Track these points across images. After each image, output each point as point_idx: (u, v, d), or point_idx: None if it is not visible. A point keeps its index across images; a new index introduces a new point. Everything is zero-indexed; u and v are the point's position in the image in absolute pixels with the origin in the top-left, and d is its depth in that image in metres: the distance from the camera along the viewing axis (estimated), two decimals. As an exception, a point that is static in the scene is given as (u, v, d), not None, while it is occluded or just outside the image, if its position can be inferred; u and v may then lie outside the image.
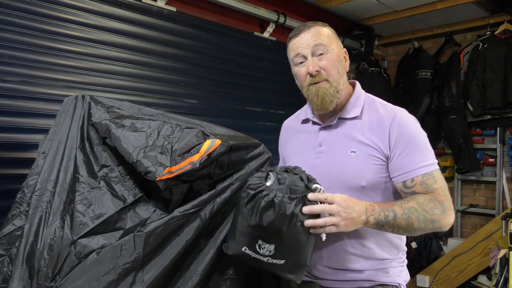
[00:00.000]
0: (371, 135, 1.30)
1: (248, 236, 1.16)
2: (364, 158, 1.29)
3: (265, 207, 1.12)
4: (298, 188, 1.15)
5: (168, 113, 1.45)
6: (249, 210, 1.14)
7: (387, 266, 1.33)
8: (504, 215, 3.27)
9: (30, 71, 2.04)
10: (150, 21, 2.57)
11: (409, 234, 1.28)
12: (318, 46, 1.31)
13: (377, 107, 1.36)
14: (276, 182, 1.15)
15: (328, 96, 1.31)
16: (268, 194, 1.12)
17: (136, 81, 2.47)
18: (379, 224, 1.20)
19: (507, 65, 3.59)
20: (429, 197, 1.24)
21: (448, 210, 1.24)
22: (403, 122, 1.30)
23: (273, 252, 1.15)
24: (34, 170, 1.33)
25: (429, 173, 1.26)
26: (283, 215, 1.10)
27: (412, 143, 1.28)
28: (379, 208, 1.20)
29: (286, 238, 1.13)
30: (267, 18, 3.20)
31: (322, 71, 1.31)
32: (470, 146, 3.85)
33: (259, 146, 1.43)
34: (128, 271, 1.19)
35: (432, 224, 1.22)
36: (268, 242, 1.14)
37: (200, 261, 1.29)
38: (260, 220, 1.12)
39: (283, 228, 1.11)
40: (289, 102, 3.33)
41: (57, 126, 1.39)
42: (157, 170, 1.22)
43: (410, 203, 1.22)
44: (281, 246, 1.15)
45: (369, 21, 3.96)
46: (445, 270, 3.67)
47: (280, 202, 1.11)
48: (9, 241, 1.26)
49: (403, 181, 1.27)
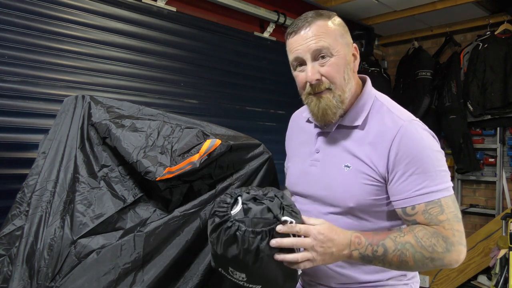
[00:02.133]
0: (370, 151, 1.13)
1: (219, 261, 1.07)
2: (356, 176, 1.13)
3: (227, 240, 1.01)
4: (265, 220, 1.01)
5: (168, 113, 1.45)
6: (214, 239, 1.04)
7: (382, 285, 1.19)
8: (504, 215, 3.27)
9: (30, 71, 2.04)
10: (150, 21, 2.57)
11: (404, 270, 1.13)
12: (320, 49, 1.12)
13: (383, 115, 1.16)
14: (241, 211, 1.02)
15: (331, 109, 1.14)
16: (230, 226, 1.00)
17: (136, 81, 2.47)
18: (365, 259, 1.05)
19: (507, 65, 3.59)
20: (431, 231, 1.06)
21: (454, 247, 1.05)
22: (408, 138, 1.09)
23: (246, 279, 1.05)
24: (34, 170, 1.33)
25: (434, 201, 1.06)
26: (247, 250, 0.99)
27: (416, 164, 1.07)
28: (366, 241, 1.05)
29: (255, 271, 1.02)
30: (267, 18, 3.20)
31: (323, 79, 1.13)
32: (470, 146, 3.84)
33: (259, 146, 1.43)
34: (128, 271, 1.19)
35: (432, 262, 1.05)
36: (238, 271, 1.04)
37: (200, 261, 1.29)
38: (224, 251, 1.02)
39: (249, 262, 1.00)
40: (289, 102, 3.32)
41: (57, 126, 1.39)
42: (157, 170, 1.22)
43: (406, 237, 1.05)
44: (253, 276, 1.04)
45: (369, 21, 3.96)
46: (445, 270, 3.67)
47: (243, 236, 0.99)
48: (9, 241, 1.26)
49: (403, 207, 1.10)
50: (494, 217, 3.72)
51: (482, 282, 3.55)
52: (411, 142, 1.09)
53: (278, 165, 1.54)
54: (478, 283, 3.57)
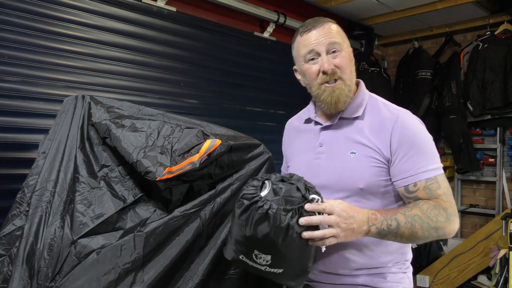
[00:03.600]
0: (372, 137, 1.25)
1: (244, 246, 1.12)
2: (363, 160, 1.24)
3: (259, 219, 1.06)
4: (294, 199, 1.09)
5: (168, 113, 1.45)
6: (244, 221, 1.09)
7: (385, 271, 1.29)
8: (504, 215, 3.27)
9: (30, 71, 2.04)
10: (150, 21, 2.57)
11: (412, 242, 1.23)
12: (333, 43, 1.26)
13: (380, 108, 1.31)
14: (271, 192, 1.10)
15: (343, 97, 1.27)
16: (262, 205, 1.07)
17: (136, 81, 2.47)
18: (381, 234, 1.15)
19: (507, 65, 3.59)
20: (432, 203, 1.19)
21: (452, 217, 1.19)
22: (406, 124, 1.24)
23: (270, 262, 1.10)
24: (34, 170, 1.33)
25: (432, 178, 1.21)
26: (278, 227, 1.05)
27: (415, 147, 1.22)
28: (381, 217, 1.15)
29: (282, 250, 1.08)
30: (267, 18, 3.20)
31: (337, 69, 1.26)
32: (470, 146, 3.85)
33: (259, 146, 1.43)
34: (128, 271, 1.19)
35: (436, 232, 1.17)
36: (264, 253, 1.10)
37: (201, 261, 1.29)
38: (254, 231, 1.07)
39: (278, 240, 1.06)
40: (289, 102, 3.33)
41: (57, 126, 1.39)
42: (157, 170, 1.22)
43: (413, 211, 1.17)
44: (278, 257, 1.10)
45: (369, 21, 3.96)
46: (445, 270, 3.67)
47: (275, 214, 1.06)
48: (9, 241, 1.26)
49: (406, 185, 1.22)
50: (494, 217, 3.72)
51: (482, 282, 3.55)
52: (409, 127, 1.24)
53: (278, 165, 1.54)
54: (478, 283, 3.57)
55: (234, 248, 1.16)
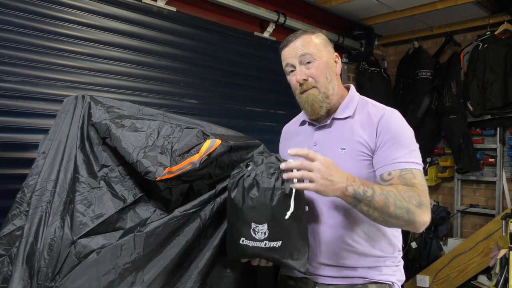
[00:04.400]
0: (361, 131, 1.35)
1: (242, 224, 1.21)
2: (352, 155, 1.33)
3: (249, 187, 1.20)
4: (275, 164, 1.24)
5: (168, 113, 1.45)
6: (236, 195, 1.22)
7: (380, 264, 1.36)
8: (504, 215, 3.26)
9: (30, 71, 2.04)
10: (150, 21, 2.57)
11: (383, 220, 1.21)
12: (305, 55, 1.36)
13: (368, 108, 1.41)
14: (254, 165, 1.25)
15: (317, 102, 1.37)
16: (249, 175, 1.22)
17: (136, 81, 2.47)
18: (356, 198, 1.18)
19: (507, 65, 3.59)
20: (408, 187, 1.23)
21: (424, 206, 1.22)
22: (391, 119, 1.34)
23: (268, 233, 1.19)
24: (34, 170, 1.33)
25: (408, 169, 1.26)
26: (266, 189, 1.19)
27: (395, 139, 1.30)
28: (359, 182, 1.19)
29: (275, 213, 1.18)
30: (267, 18, 3.20)
31: (309, 79, 1.37)
32: (470, 146, 3.84)
33: (259, 146, 1.43)
34: (128, 271, 1.20)
35: (408, 214, 1.19)
36: (260, 223, 1.19)
37: (200, 261, 1.29)
38: (248, 200, 1.20)
39: (269, 201, 1.18)
40: (289, 102, 3.30)
41: (57, 126, 1.39)
42: (157, 170, 1.23)
43: (389, 187, 1.22)
44: (273, 224, 1.19)
45: (369, 21, 3.96)
46: (445, 270, 3.67)
47: (261, 179, 1.20)
48: (9, 241, 1.26)
49: (381, 174, 1.29)
50: (494, 217, 3.72)
51: (482, 282, 3.54)
52: (392, 122, 1.34)
53: (278, 165, 1.54)
54: (478, 283, 3.57)
55: (234, 237, 1.22)
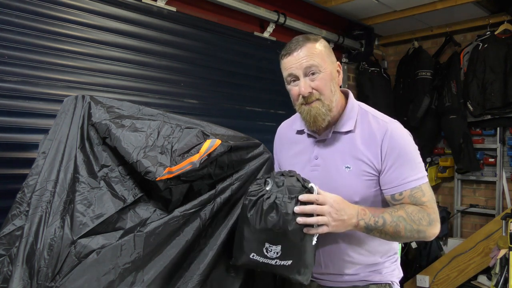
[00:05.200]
0: (365, 149, 1.33)
1: (255, 242, 1.21)
2: (357, 174, 1.33)
3: (268, 209, 1.17)
4: (295, 188, 1.20)
5: (168, 113, 1.45)
6: (253, 215, 1.19)
7: (380, 267, 1.41)
8: (504, 215, 3.27)
9: (30, 71, 2.04)
10: (150, 21, 2.57)
11: (394, 240, 1.33)
12: (311, 67, 1.31)
13: (369, 120, 1.37)
14: (275, 185, 1.20)
15: (321, 115, 1.34)
16: (269, 197, 1.18)
17: (136, 81, 2.47)
18: (368, 229, 1.25)
19: (507, 65, 3.59)
20: (417, 208, 1.29)
21: (434, 222, 1.30)
22: (394, 136, 1.32)
23: (280, 253, 1.19)
24: (34, 170, 1.33)
25: (417, 187, 1.31)
26: (285, 214, 1.16)
27: (402, 157, 1.31)
28: (370, 213, 1.25)
29: (291, 237, 1.17)
30: (267, 18, 3.19)
31: (314, 92, 1.32)
32: (470, 146, 3.84)
33: (259, 146, 1.43)
34: (128, 271, 1.20)
35: (418, 234, 1.28)
36: (274, 244, 1.19)
37: (200, 261, 1.29)
38: (265, 222, 1.17)
39: (287, 227, 1.16)
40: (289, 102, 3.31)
41: (57, 126, 1.38)
42: (157, 170, 1.22)
43: (399, 212, 1.27)
44: (287, 246, 1.19)
45: (369, 21, 3.95)
46: (445, 270, 3.67)
47: (282, 203, 1.17)
48: (9, 241, 1.26)
49: (392, 194, 1.32)
50: (494, 217, 3.72)
51: (482, 282, 3.54)
52: (397, 139, 1.32)
53: (278, 165, 1.54)
54: (478, 283, 3.57)
55: (244, 249, 1.22)
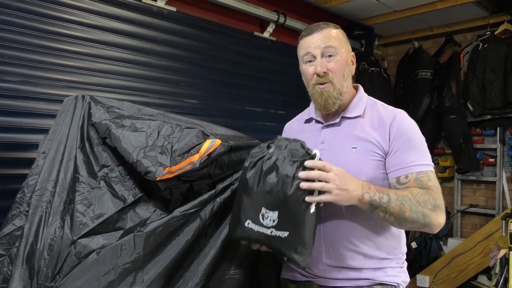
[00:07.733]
0: (372, 131, 1.34)
1: (252, 206, 1.15)
2: (364, 154, 1.32)
3: (267, 170, 1.13)
4: (298, 152, 1.15)
5: (168, 113, 1.45)
6: (252, 175, 1.15)
7: (385, 266, 1.35)
8: (504, 215, 3.26)
9: (30, 71, 2.04)
10: (150, 21, 2.57)
11: (399, 224, 1.25)
12: (329, 48, 1.34)
13: (378, 108, 1.40)
14: (277, 148, 1.17)
15: (331, 98, 1.35)
16: (270, 158, 1.14)
17: (136, 81, 2.47)
18: (373, 205, 1.19)
19: (507, 65, 3.59)
20: (423, 190, 1.25)
21: (439, 209, 1.24)
22: (403, 122, 1.34)
23: (276, 222, 1.13)
24: (34, 170, 1.33)
25: (424, 172, 1.28)
26: (285, 176, 1.11)
27: (409, 142, 1.31)
28: (374, 188, 1.21)
29: (289, 203, 1.12)
30: (267, 18, 3.20)
31: (329, 73, 1.34)
32: (470, 146, 3.84)
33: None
34: (128, 271, 1.20)
35: (423, 218, 1.21)
36: (271, 209, 1.13)
37: (201, 261, 1.29)
38: (263, 184, 1.13)
39: (286, 190, 1.11)
40: (289, 102, 3.33)
41: (57, 126, 1.39)
42: (157, 170, 1.22)
43: (404, 192, 1.23)
44: (285, 213, 1.13)
45: (369, 21, 3.96)
46: (445, 270, 3.67)
47: (282, 164, 1.12)
48: (9, 241, 1.26)
49: (397, 176, 1.29)
50: (494, 217, 3.72)
51: (482, 282, 3.55)
52: (405, 125, 1.34)
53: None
54: (478, 283, 3.57)
55: (240, 217, 1.17)
